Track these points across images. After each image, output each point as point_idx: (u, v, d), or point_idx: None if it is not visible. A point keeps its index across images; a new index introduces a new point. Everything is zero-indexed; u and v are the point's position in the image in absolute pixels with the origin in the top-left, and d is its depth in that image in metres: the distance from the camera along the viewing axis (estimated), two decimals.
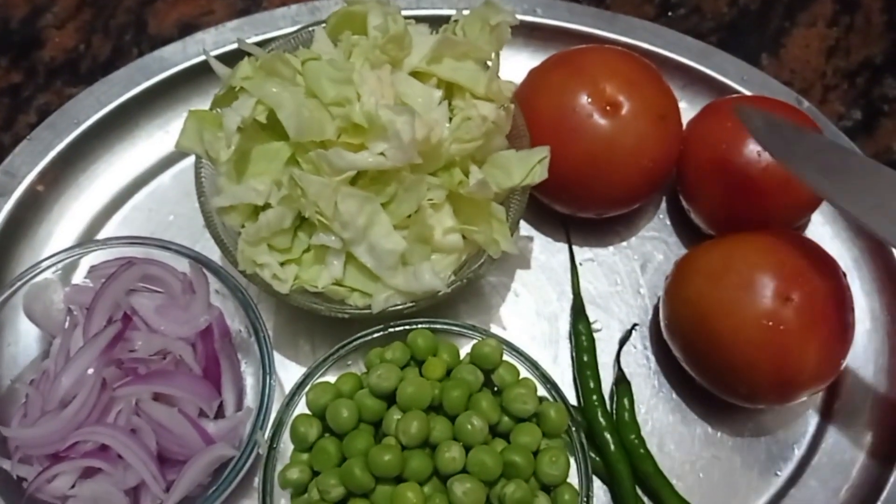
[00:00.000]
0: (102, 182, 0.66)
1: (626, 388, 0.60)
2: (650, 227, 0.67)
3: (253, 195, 0.54)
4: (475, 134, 0.54)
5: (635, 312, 0.64)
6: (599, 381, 0.60)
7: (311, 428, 0.51)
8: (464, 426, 0.49)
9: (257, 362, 0.56)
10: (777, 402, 0.56)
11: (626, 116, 0.58)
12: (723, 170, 0.59)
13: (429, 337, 0.53)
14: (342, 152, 0.51)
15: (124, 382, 0.52)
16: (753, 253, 0.55)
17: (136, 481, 0.51)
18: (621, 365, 0.61)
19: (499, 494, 0.49)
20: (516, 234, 0.65)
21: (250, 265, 0.54)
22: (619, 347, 0.62)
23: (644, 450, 0.58)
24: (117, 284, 0.55)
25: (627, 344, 0.63)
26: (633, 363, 0.62)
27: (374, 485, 0.49)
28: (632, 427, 0.59)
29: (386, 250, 0.53)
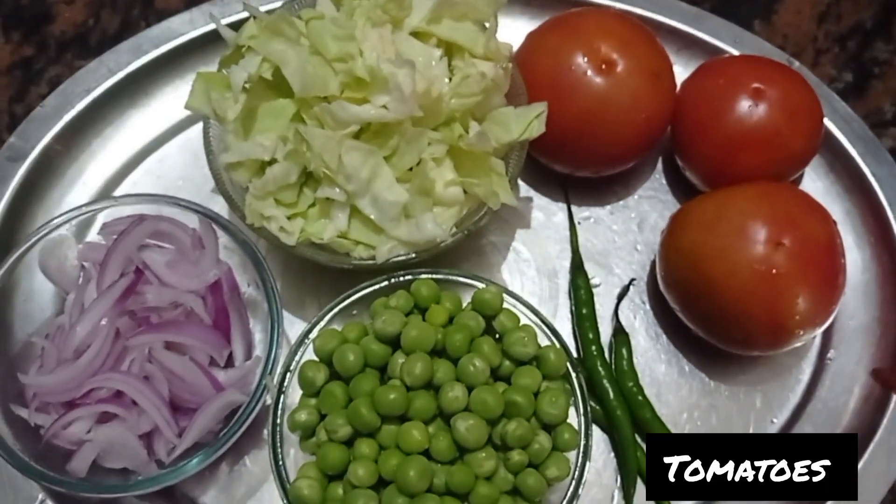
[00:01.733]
0: (113, 148, 0.68)
1: (624, 339, 0.62)
2: (647, 186, 0.69)
3: (260, 151, 0.55)
4: (474, 89, 0.56)
5: (633, 269, 0.66)
6: (598, 333, 0.62)
7: (318, 373, 0.53)
8: (466, 367, 0.51)
9: (265, 318, 0.58)
10: (770, 347, 0.58)
11: (620, 74, 0.60)
12: (716, 126, 0.61)
13: (432, 286, 0.55)
14: (345, 105, 0.53)
15: (137, 332, 0.54)
16: (745, 201, 0.57)
17: (149, 426, 0.53)
18: (619, 318, 0.63)
19: (501, 433, 0.50)
20: (516, 190, 0.67)
21: (258, 218, 0.55)
22: (618, 301, 0.64)
23: (642, 397, 0.60)
24: (129, 240, 0.57)
25: (626, 299, 0.64)
26: (632, 318, 0.64)
27: (379, 424, 0.50)
28: (630, 375, 0.60)
29: (389, 202, 0.54)
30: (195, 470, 0.52)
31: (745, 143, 0.60)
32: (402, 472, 0.48)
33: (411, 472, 0.48)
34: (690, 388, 0.62)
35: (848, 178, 0.66)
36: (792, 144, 0.61)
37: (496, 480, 0.50)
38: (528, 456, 0.50)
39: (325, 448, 0.51)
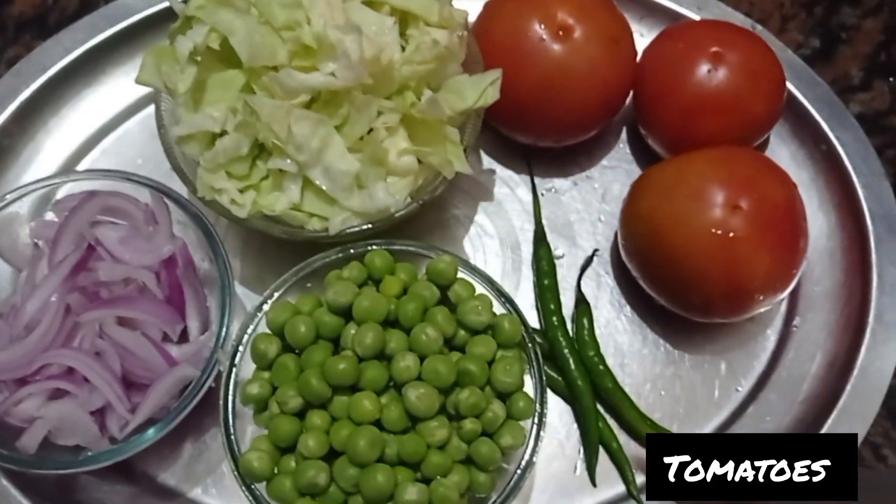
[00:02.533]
0: (71, 127, 0.67)
1: (586, 309, 0.61)
2: (611, 156, 0.68)
3: (210, 122, 0.55)
4: (427, 57, 0.55)
5: (597, 240, 0.65)
6: (560, 303, 0.61)
7: (270, 345, 0.52)
8: (418, 336, 0.50)
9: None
10: (731, 313, 0.57)
11: (577, 40, 0.59)
12: (675, 92, 0.60)
13: (386, 257, 0.54)
14: (293, 73, 0.52)
15: (88, 308, 0.53)
16: (704, 165, 0.56)
17: (101, 403, 0.53)
18: (581, 289, 0.62)
19: (454, 402, 0.50)
20: (477, 160, 0.67)
21: (209, 191, 0.55)
22: (581, 272, 0.63)
23: (603, 366, 0.59)
24: (80, 216, 0.56)
25: (590, 271, 0.64)
26: (595, 289, 0.63)
27: (330, 394, 0.50)
28: (591, 345, 0.60)
29: (340, 171, 0.54)
30: (146, 445, 0.51)
31: (704, 109, 0.59)
32: (352, 442, 0.48)
33: (361, 442, 0.48)
34: (654, 358, 0.61)
35: (813, 143, 0.65)
36: (753, 109, 0.60)
37: (449, 449, 0.49)
38: (481, 424, 0.50)
39: (276, 420, 0.50)
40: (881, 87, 0.71)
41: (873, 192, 0.62)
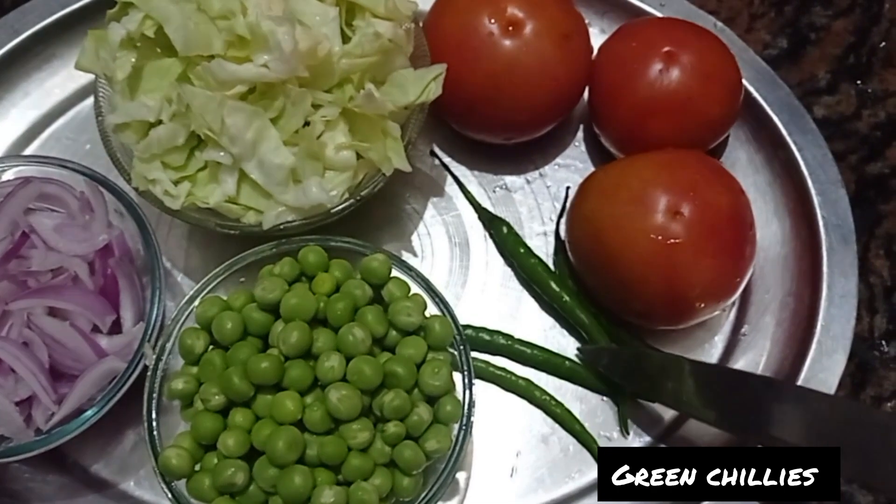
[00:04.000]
0: (20, 110, 0.66)
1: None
2: (566, 154, 0.67)
3: (144, 111, 0.54)
4: (367, 49, 0.54)
5: (547, 240, 0.64)
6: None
7: (197, 340, 0.51)
8: (345, 337, 0.49)
9: (170, 284, 0.57)
10: (672, 320, 0.56)
11: (528, 36, 0.58)
12: (627, 91, 0.59)
13: (319, 253, 0.53)
14: (224, 63, 0.51)
15: (15, 297, 0.53)
16: (647, 169, 0.55)
17: (27, 393, 0.52)
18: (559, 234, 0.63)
19: (379, 404, 0.49)
20: (431, 159, 0.66)
21: (142, 181, 0.54)
22: (559, 217, 0.63)
23: None
24: (14, 202, 0.55)
25: None
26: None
27: (253, 393, 0.49)
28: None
29: (274, 165, 0.53)
30: (69, 437, 0.51)
31: (656, 109, 0.58)
32: (271, 442, 0.47)
33: (280, 443, 0.47)
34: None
35: (771, 147, 0.64)
36: (706, 111, 0.59)
37: (371, 452, 0.49)
38: (405, 428, 0.49)
39: (198, 417, 0.49)
40: (848, 90, 0.69)
41: (829, 200, 0.61)
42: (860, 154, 0.68)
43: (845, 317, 0.58)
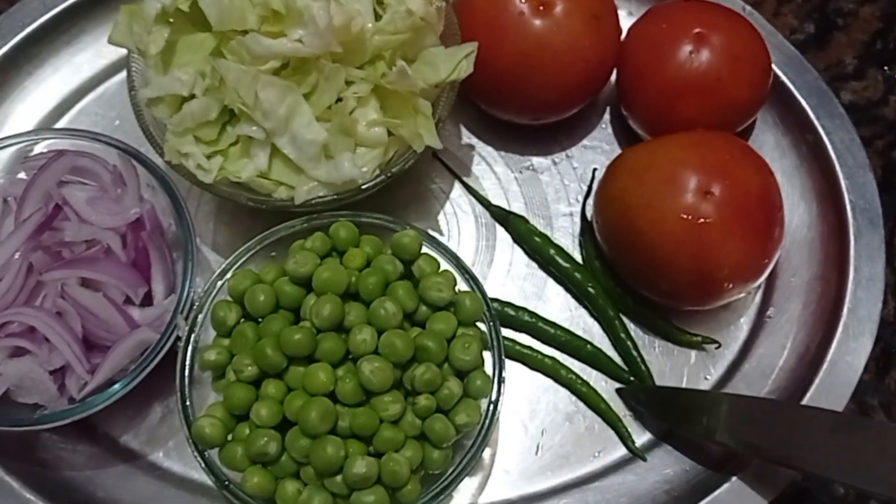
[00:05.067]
0: (49, 86, 0.67)
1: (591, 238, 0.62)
2: (592, 136, 0.67)
3: (178, 85, 0.54)
4: (400, 27, 0.54)
5: (573, 221, 0.64)
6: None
7: (230, 312, 0.52)
8: (377, 311, 0.50)
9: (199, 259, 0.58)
10: (699, 300, 0.56)
11: (558, 15, 0.58)
12: (657, 72, 0.59)
13: (350, 229, 0.54)
14: (259, 38, 0.51)
15: (50, 267, 0.53)
16: (677, 149, 0.55)
17: (61, 363, 0.53)
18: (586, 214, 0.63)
19: (410, 378, 0.50)
20: (458, 138, 0.66)
21: (175, 155, 0.54)
22: (584, 198, 0.64)
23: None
24: (48, 175, 0.56)
25: None
26: None
27: (285, 364, 0.49)
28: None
29: (307, 140, 0.53)
30: (102, 406, 0.52)
31: (685, 91, 0.58)
32: (304, 412, 0.48)
33: (313, 414, 0.47)
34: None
35: (799, 131, 0.64)
36: (735, 93, 0.59)
37: (402, 425, 0.49)
38: (436, 401, 0.49)
39: (231, 388, 0.50)
40: (875, 75, 0.69)
41: (856, 184, 0.61)
42: (887, 139, 0.68)
43: (872, 300, 0.58)
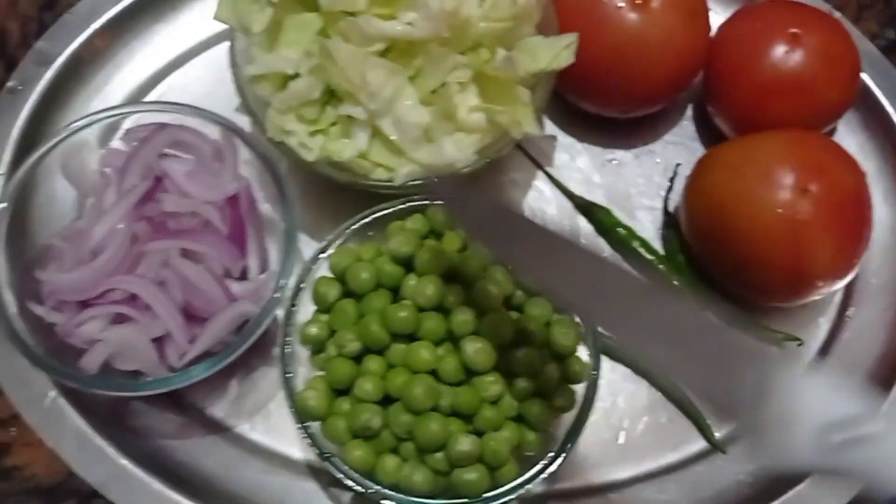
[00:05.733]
0: (139, 60, 0.67)
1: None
2: (674, 132, 0.67)
3: (284, 64, 0.55)
4: (504, 14, 0.55)
5: (655, 214, 0.65)
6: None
7: (331, 289, 0.53)
8: (478, 293, 0.51)
9: (280, 237, 0.58)
10: (789, 297, 0.57)
11: (655, 9, 0.59)
12: (749, 70, 0.60)
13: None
14: (372, 20, 0.52)
15: (154, 237, 0.54)
16: (774, 146, 0.56)
17: (161, 331, 0.53)
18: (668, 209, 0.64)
19: (509, 360, 0.50)
20: (541, 124, 0.66)
21: (279, 132, 0.55)
22: (667, 193, 0.64)
23: None
24: (150, 147, 0.57)
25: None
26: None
27: (389, 341, 0.50)
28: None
29: (410, 123, 0.54)
30: (203, 375, 0.52)
31: (778, 90, 0.59)
32: (408, 389, 0.48)
33: (418, 390, 0.48)
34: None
35: (882, 135, 0.65)
36: (827, 93, 0.59)
37: (502, 406, 0.50)
38: (535, 384, 0.50)
39: (333, 362, 0.51)
40: None
41: None
42: None
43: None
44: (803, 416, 0.36)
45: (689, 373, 0.41)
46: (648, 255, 0.62)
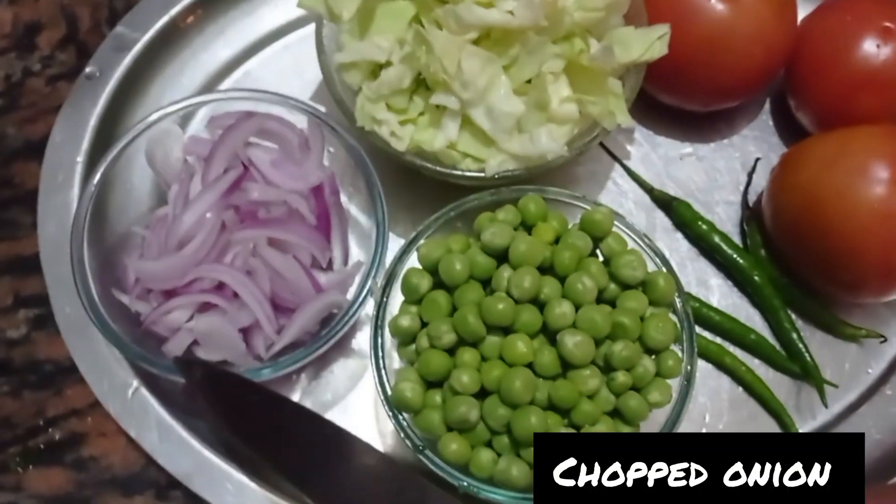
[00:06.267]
0: (214, 47, 0.67)
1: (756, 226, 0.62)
2: (753, 126, 0.67)
3: (376, 52, 0.54)
4: (598, 5, 0.54)
5: (735, 208, 0.64)
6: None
7: (422, 280, 0.52)
8: (574, 285, 0.50)
9: (360, 229, 0.58)
10: (880, 292, 0.56)
11: (745, 2, 0.58)
12: (838, 64, 0.59)
13: (540, 203, 0.54)
14: (472, 7, 0.51)
15: (242, 226, 0.54)
16: (869, 140, 0.55)
17: (249, 321, 0.53)
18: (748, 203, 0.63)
19: (606, 353, 0.50)
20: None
21: (369, 121, 0.55)
22: (746, 187, 0.64)
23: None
24: (236, 135, 0.56)
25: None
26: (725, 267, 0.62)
27: (485, 333, 0.50)
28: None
29: (504, 112, 0.53)
30: (293, 367, 0.52)
31: (868, 84, 0.58)
32: (507, 381, 0.48)
33: (517, 383, 0.47)
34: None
35: None
36: None
37: (598, 400, 0.49)
38: (632, 378, 0.50)
39: (427, 354, 0.50)
40: None
41: None
42: None
43: None
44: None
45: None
46: (730, 249, 0.61)
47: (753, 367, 0.60)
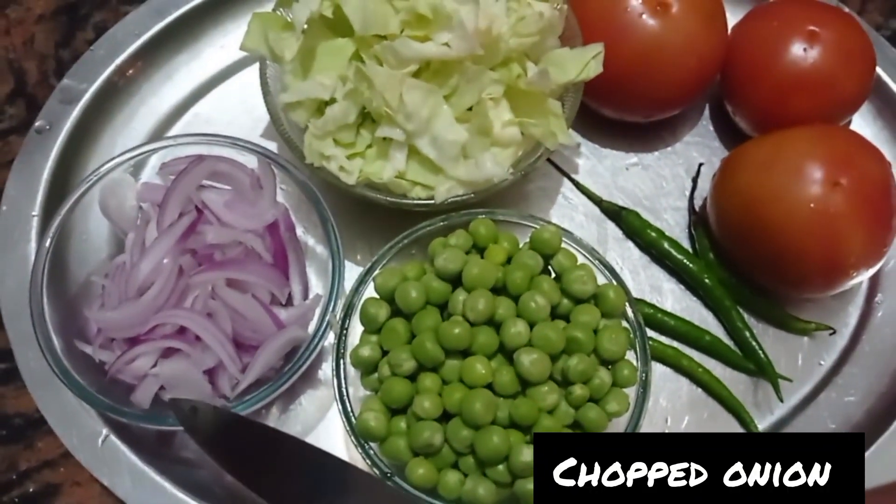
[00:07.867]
0: (163, 92, 0.68)
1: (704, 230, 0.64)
2: (695, 132, 0.69)
3: (320, 90, 0.56)
4: (532, 29, 0.56)
5: (681, 214, 0.66)
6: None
7: (380, 310, 0.53)
8: (527, 304, 0.51)
9: (318, 261, 0.59)
10: (824, 287, 0.58)
11: (675, 16, 0.60)
12: (769, 69, 0.61)
13: (490, 226, 0.55)
14: (409, 42, 0.53)
15: (200, 269, 0.55)
16: (803, 142, 0.57)
17: (213, 362, 0.54)
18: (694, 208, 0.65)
19: (562, 368, 0.51)
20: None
21: (318, 158, 0.56)
22: (691, 192, 0.66)
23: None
24: (188, 179, 0.57)
25: None
26: (672, 269, 0.64)
27: (443, 358, 0.51)
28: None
29: (448, 141, 0.55)
30: (259, 403, 0.53)
31: (798, 87, 0.60)
32: (468, 404, 0.49)
33: (477, 405, 0.49)
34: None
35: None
36: (845, 88, 0.61)
37: (558, 414, 0.51)
38: (589, 391, 0.51)
39: (389, 382, 0.51)
40: None
41: None
42: None
43: None
44: None
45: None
46: (679, 254, 0.63)
47: (710, 367, 0.61)
